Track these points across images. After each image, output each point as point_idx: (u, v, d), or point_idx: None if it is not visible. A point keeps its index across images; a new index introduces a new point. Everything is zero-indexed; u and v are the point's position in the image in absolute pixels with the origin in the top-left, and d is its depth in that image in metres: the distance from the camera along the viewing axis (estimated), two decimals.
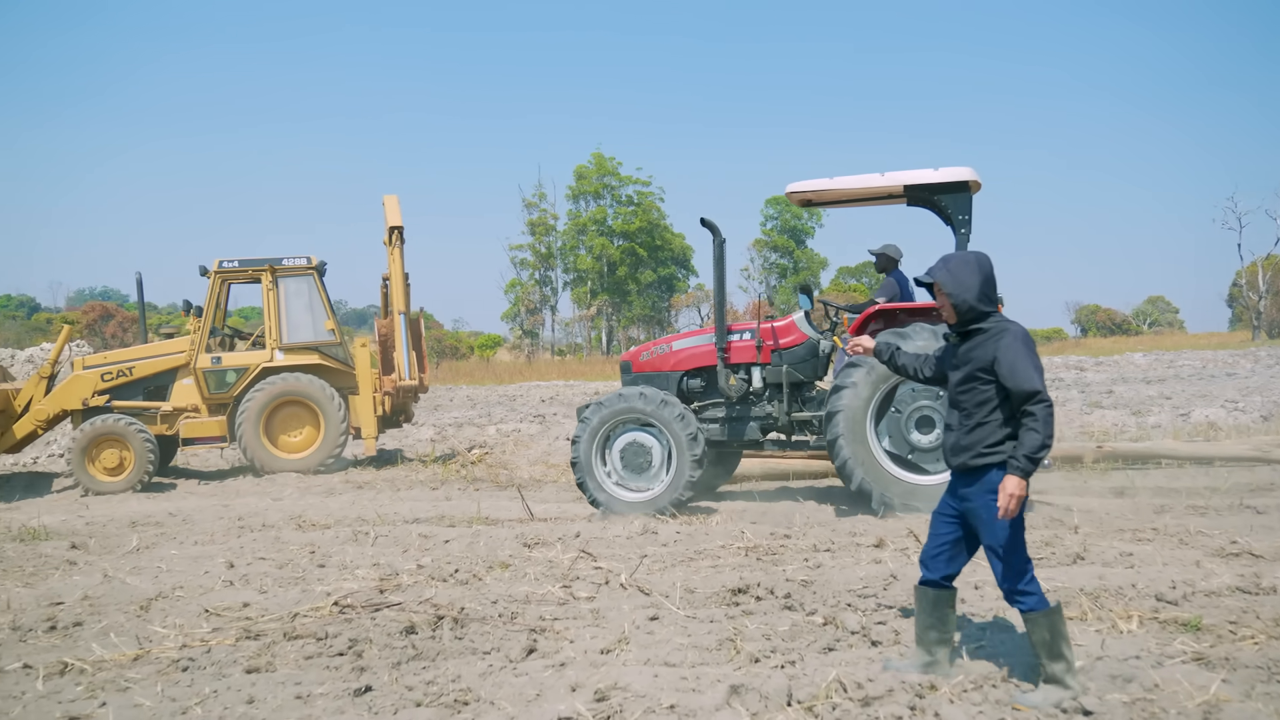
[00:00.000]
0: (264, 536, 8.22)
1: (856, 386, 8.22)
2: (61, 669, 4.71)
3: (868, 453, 8.22)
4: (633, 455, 8.69)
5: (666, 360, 9.35)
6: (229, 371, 13.24)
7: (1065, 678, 3.90)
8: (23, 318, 61.76)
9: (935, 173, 8.41)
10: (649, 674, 4.30)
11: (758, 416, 9.08)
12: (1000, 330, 4.03)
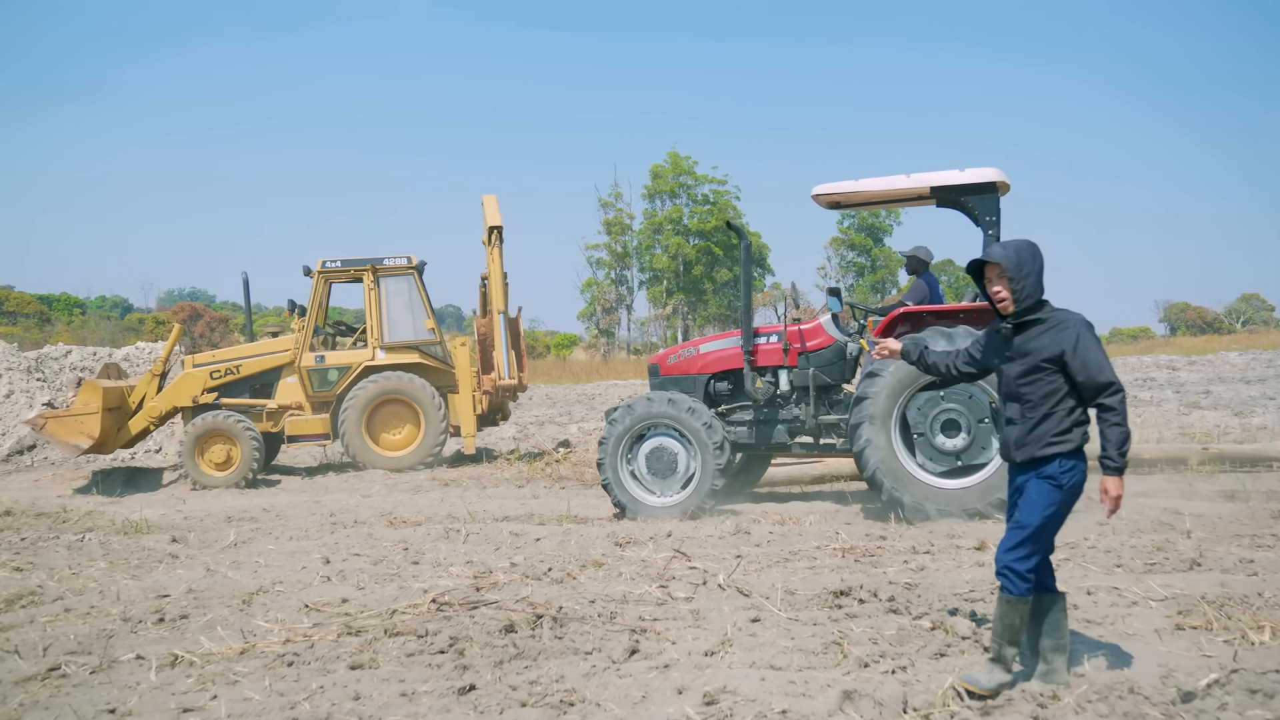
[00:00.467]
0: (357, 533, 8.30)
1: (880, 393, 8.11)
2: (172, 660, 4.77)
3: (894, 459, 8.10)
4: (658, 460, 8.67)
5: (694, 363, 9.29)
6: (332, 370, 13.48)
7: (1010, 662, 3.97)
8: (116, 318, 63.72)
9: (961, 174, 8.30)
10: (756, 677, 4.21)
11: (785, 419, 8.99)
12: (1064, 321, 3.93)
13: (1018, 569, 3.95)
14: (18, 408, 17.98)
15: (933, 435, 8.08)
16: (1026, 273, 3.97)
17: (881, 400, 8.11)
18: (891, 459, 8.09)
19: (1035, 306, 4.00)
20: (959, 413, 8.03)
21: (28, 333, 45.13)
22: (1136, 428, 13.25)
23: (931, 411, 8.08)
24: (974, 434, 7.97)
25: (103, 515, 10.02)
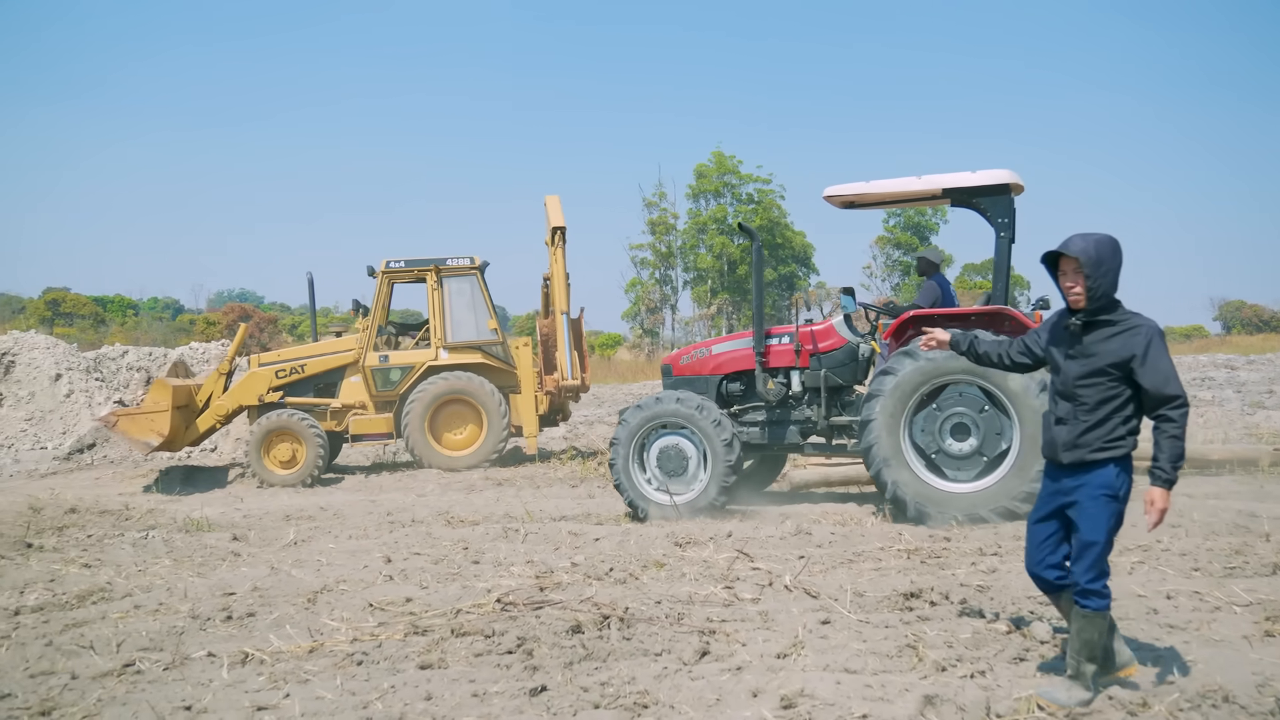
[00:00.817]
0: (415, 532, 8.32)
1: (888, 396, 8.03)
2: (243, 658, 4.79)
3: (902, 463, 8.03)
4: (669, 459, 8.70)
5: (706, 364, 9.30)
6: (395, 369, 13.59)
7: (1090, 678, 3.87)
8: (168, 319, 64.76)
9: (973, 175, 8.25)
10: (831, 680, 4.14)
11: (797, 420, 8.98)
12: (1135, 326, 3.81)
13: (1095, 588, 3.86)
14: (77, 407, 18.31)
15: (941, 435, 8.01)
16: (1105, 270, 3.83)
17: (892, 399, 8.04)
18: (898, 457, 8.03)
19: (1108, 306, 3.88)
20: (962, 414, 7.97)
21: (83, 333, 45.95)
22: (1199, 428, 12.99)
23: (935, 425, 8.03)
24: (983, 428, 7.89)
25: (164, 513, 10.13)
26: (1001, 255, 8.43)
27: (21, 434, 17.65)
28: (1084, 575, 3.88)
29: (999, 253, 8.42)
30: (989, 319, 8.16)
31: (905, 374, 8.00)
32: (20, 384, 18.59)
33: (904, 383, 8.01)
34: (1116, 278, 3.87)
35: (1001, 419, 7.88)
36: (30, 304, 61.65)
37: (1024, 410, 7.67)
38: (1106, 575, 3.89)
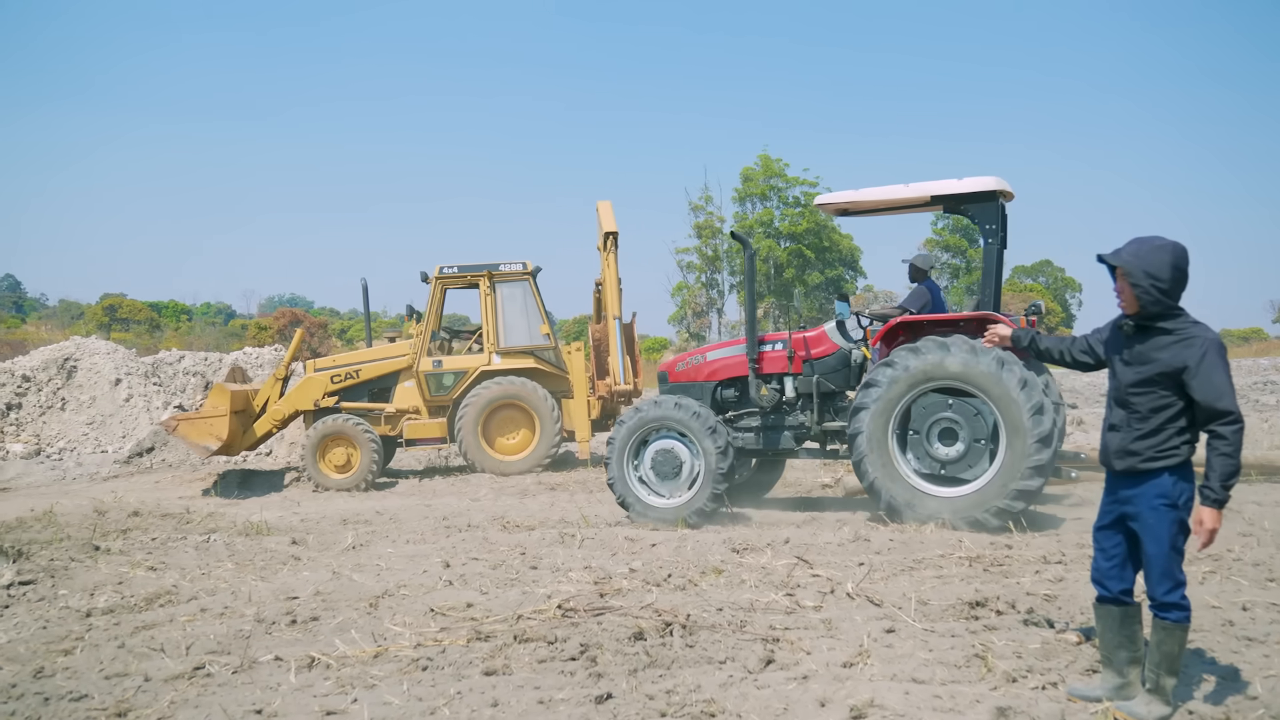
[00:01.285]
0: (472, 537, 8.36)
1: (876, 403, 8.14)
2: (309, 662, 4.83)
3: (892, 468, 8.13)
4: (663, 462, 8.79)
5: (701, 370, 9.40)
6: (448, 375, 13.69)
7: (1170, 693, 3.80)
8: (220, 323, 65.78)
9: (960, 182, 8.37)
10: (899, 690, 4.09)
11: (791, 426, 9.07)
12: (1193, 336, 3.71)
13: (1171, 599, 3.80)
14: (136, 411, 18.67)
15: (929, 441, 8.12)
16: (1152, 279, 3.74)
17: (878, 409, 8.14)
18: (889, 467, 8.14)
19: (1165, 314, 3.79)
20: (958, 424, 8.03)
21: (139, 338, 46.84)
22: (1264, 433, 12.70)
23: (932, 416, 8.10)
24: (968, 449, 7.99)
25: (224, 516, 10.28)
26: (990, 260, 8.51)
27: (83, 438, 18.03)
28: (1157, 588, 3.81)
29: (988, 258, 8.52)
30: (976, 324, 8.21)
31: (889, 384, 8.12)
32: (82, 389, 18.99)
33: (889, 392, 8.12)
34: (1174, 287, 3.76)
35: (987, 424, 7.95)
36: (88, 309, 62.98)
37: (1008, 413, 7.75)
38: (1182, 585, 3.81)
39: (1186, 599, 3.82)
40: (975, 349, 7.89)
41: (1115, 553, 4.01)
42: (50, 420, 18.36)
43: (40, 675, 4.75)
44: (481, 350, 13.91)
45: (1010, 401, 7.71)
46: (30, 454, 17.13)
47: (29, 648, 5.27)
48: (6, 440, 17.46)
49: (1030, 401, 7.67)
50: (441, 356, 13.88)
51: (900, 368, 8.08)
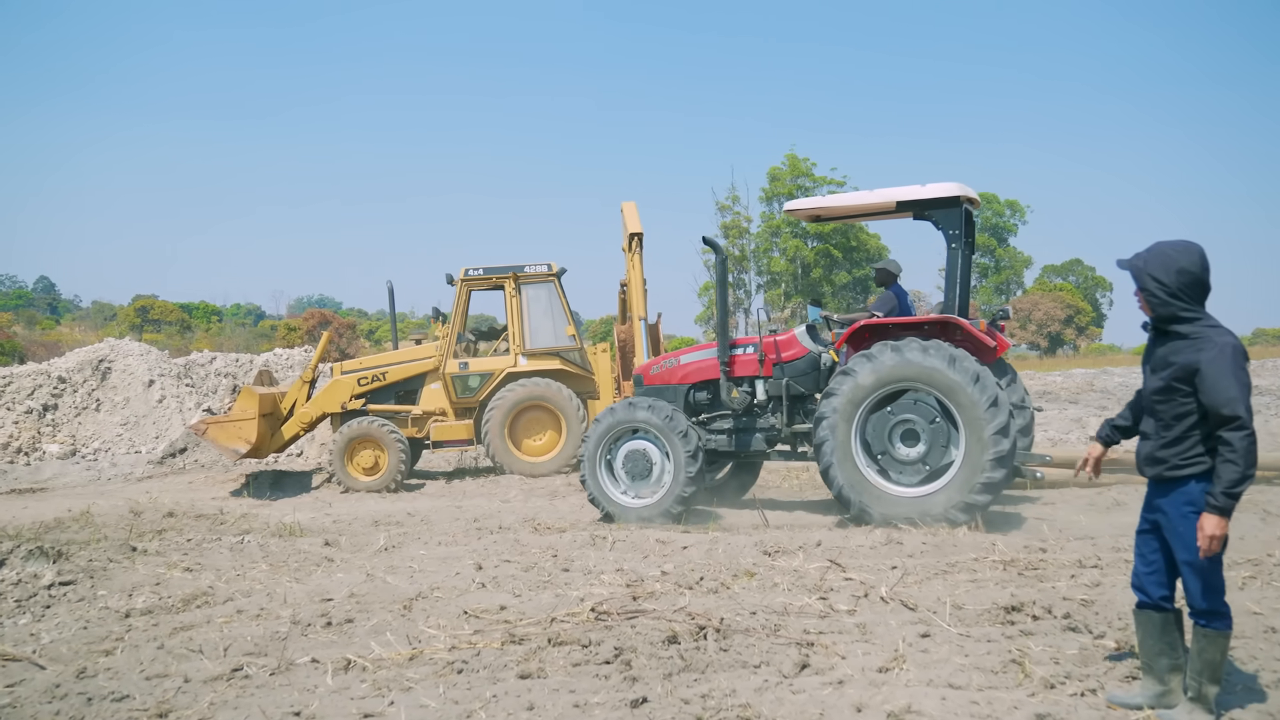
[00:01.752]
0: (503, 539, 8.38)
1: (839, 406, 8.30)
2: (346, 665, 4.87)
3: (850, 462, 8.30)
4: (634, 462, 9.04)
5: (674, 374, 9.58)
6: (474, 376, 13.73)
7: (1213, 701, 3.77)
8: (250, 324, 66.32)
9: (923, 188, 8.57)
10: (936, 696, 4.08)
11: (762, 428, 9.22)
12: (1206, 339, 3.67)
13: (1211, 606, 3.77)
14: (169, 412, 18.86)
15: (894, 449, 8.26)
16: (1158, 282, 3.76)
17: (840, 415, 8.30)
18: (855, 474, 8.28)
19: (1179, 318, 3.77)
20: (912, 421, 8.20)
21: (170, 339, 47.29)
22: None
23: (885, 429, 8.26)
24: (930, 449, 8.15)
25: (256, 518, 10.37)
26: (953, 265, 8.72)
27: (117, 438, 18.23)
28: (1195, 596, 3.79)
29: (950, 263, 8.69)
30: (939, 328, 8.44)
31: (862, 376, 8.23)
32: (116, 390, 19.21)
33: (860, 385, 8.25)
34: (1182, 289, 3.74)
35: (950, 429, 8.10)
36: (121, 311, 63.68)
37: (964, 408, 7.93)
38: (1220, 592, 3.78)
39: (1226, 606, 3.78)
40: (927, 349, 8.08)
41: (1154, 558, 3.98)
42: (85, 421, 18.58)
43: (83, 675, 4.81)
44: (507, 352, 13.95)
45: (965, 397, 7.90)
46: (66, 454, 17.34)
47: (71, 648, 5.35)
48: (43, 441, 17.68)
49: (985, 395, 7.85)
50: (467, 358, 13.92)
51: (858, 373, 8.26)
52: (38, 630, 5.74)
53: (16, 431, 17.52)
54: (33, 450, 17.29)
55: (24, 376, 18.78)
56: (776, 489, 11.35)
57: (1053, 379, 29.25)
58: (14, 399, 18.23)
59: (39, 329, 51.91)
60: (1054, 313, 57.70)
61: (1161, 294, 3.75)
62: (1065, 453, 10.56)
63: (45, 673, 4.91)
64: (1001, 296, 64.88)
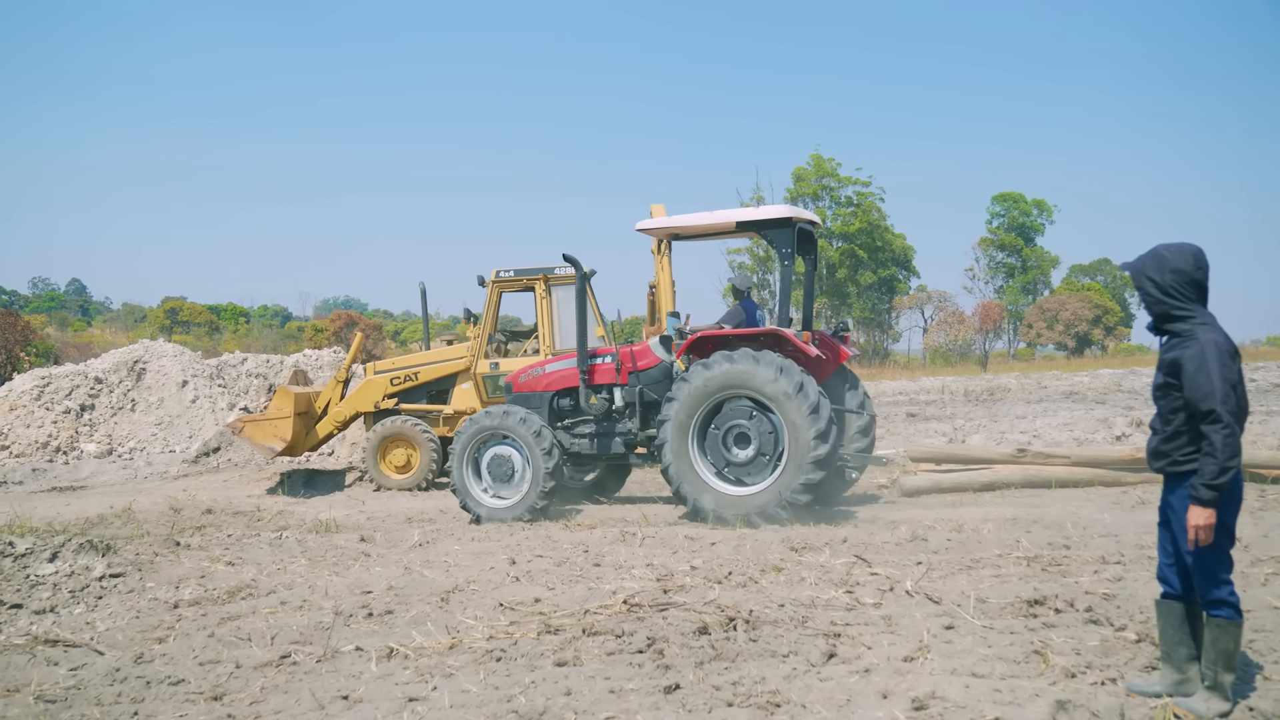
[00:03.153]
0: (535, 535, 8.57)
1: (677, 412, 8.90)
2: (388, 653, 5.06)
3: (691, 469, 8.88)
4: (498, 466, 9.62)
5: (540, 382, 10.20)
6: (504, 376, 13.89)
7: (1229, 689, 3.88)
8: (277, 326, 66.97)
9: (756, 210, 9.35)
10: (960, 684, 4.21)
11: (620, 432, 9.82)
12: (1193, 337, 3.84)
13: (1218, 596, 3.90)
14: (202, 412, 19.18)
15: (726, 446, 8.90)
16: (1152, 281, 3.95)
17: (678, 420, 8.89)
18: (690, 473, 8.89)
19: (1173, 317, 3.93)
20: (744, 425, 8.84)
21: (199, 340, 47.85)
22: None
23: (728, 423, 8.89)
24: (758, 451, 8.80)
25: (293, 514, 10.61)
26: (785, 280, 9.53)
27: (152, 438, 18.56)
28: (1200, 587, 3.93)
29: (783, 278, 9.48)
30: (774, 341, 9.04)
31: (698, 383, 8.86)
32: (150, 390, 19.55)
33: (695, 391, 8.88)
34: (1174, 288, 3.91)
35: (774, 424, 8.74)
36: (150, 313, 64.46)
37: (788, 414, 8.55)
38: (1226, 582, 3.90)
39: (1234, 596, 3.90)
40: (758, 359, 8.69)
41: (1172, 549, 4.11)
42: (121, 421, 18.92)
43: (140, 661, 5.04)
44: (537, 352, 14.12)
45: (790, 404, 8.53)
46: (103, 454, 17.68)
47: (125, 635, 5.58)
48: (80, 440, 18.04)
49: (807, 403, 8.49)
50: (498, 359, 14.11)
51: (694, 381, 8.86)
52: (92, 619, 5.97)
53: (55, 431, 17.88)
54: (71, 449, 17.64)
55: (62, 377, 19.14)
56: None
57: (1080, 379, 29.21)
58: (52, 399, 18.59)
59: (71, 330, 52.68)
60: (1082, 312, 57.37)
61: (1155, 293, 3.93)
62: (1090, 452, 10.65)
63: (104, 658, 5.14)
64: (1029, 297, 64.60)
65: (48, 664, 5.12)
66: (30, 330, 27.93)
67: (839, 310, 61.08)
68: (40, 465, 16.57)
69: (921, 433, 16.34)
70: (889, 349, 63.94)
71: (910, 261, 63.94)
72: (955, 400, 24.87)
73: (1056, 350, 59.10)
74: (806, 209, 48.85)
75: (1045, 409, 19.25)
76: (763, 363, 8.63)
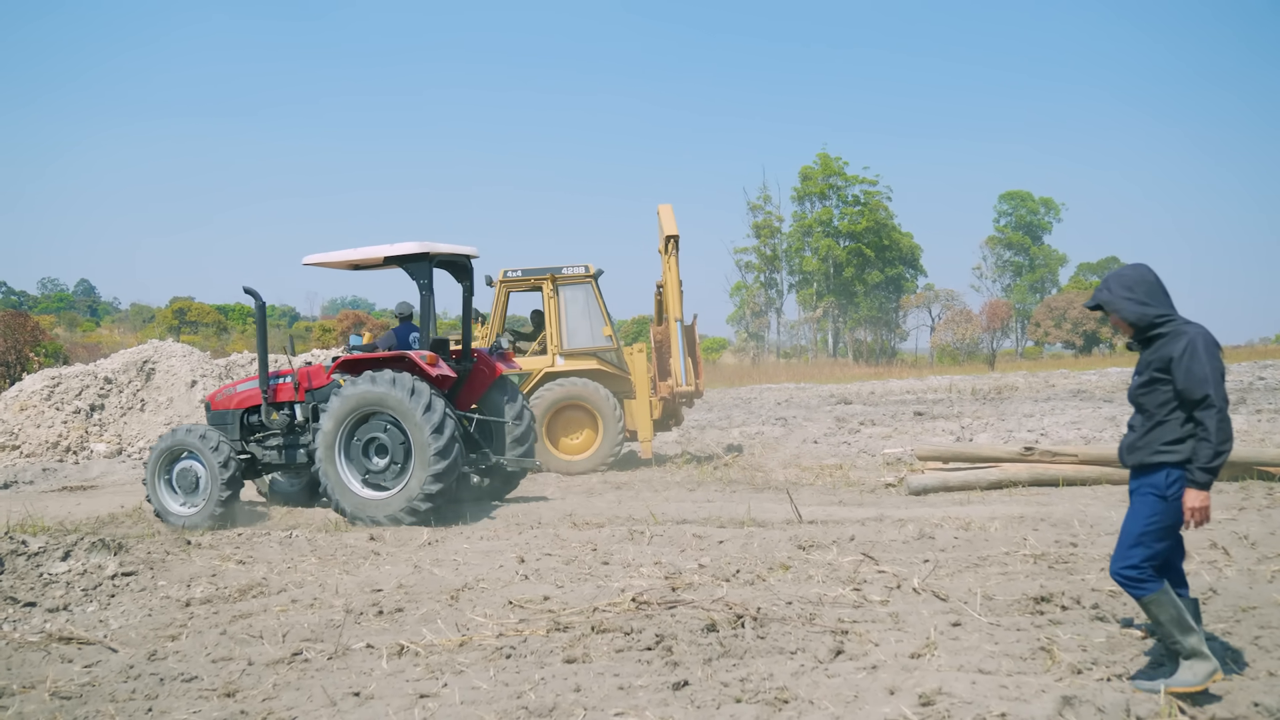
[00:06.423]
0: (544, 533, 8.61)
1: (325, 424, 9.77)
2: (399, 650, 5.11)
3: (337, 475, 9.74)
4: (184, 478, 10.27)
5: (231, 400, 10.91)
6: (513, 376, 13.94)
7: (1202, 648, 4.01)
8: (285, 326, 67.10)
9: (392, 247, 10.25)
10: (966, 680, 4.25)
11: (302, 444, 10.58)
12: (1181, 331, 4.05)
13: (1128, 574, 4.12)
14: None
15: (366, 456, 9.81)
16: (1130, 300, 4.16)
17: (326, 431, 9.74)
18: (337, 478, 9.75)
19: (1155, 323, 4.14)
20: (378, 437, 9.75)
21: (207, 340, 47.96)
22: None
23: (368, 435, 9.79)
24: (391, 461, 9.72)
25: (302, 514, 10.65)
26: (425, 308, 10.60)
27: None
28: (1116, 563, 4.17)
29: (424, 306, 10.58)
30: (410, 364, 9.95)
31: (344, 400, 9.71)
32: (159, 390, 19.63)
33: (340, 407, 9.72)
34: (1150, 295, 4.15)
35: (404, 435, 9.62)
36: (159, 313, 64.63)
37: (414, 430, 9.48)
38: (1141, 566, 4.08)
39: (1144, 575, 4.07)
40: (394, 380, 9.58)
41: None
42: (131, 421, 19.00)
43: (153, 658, 5.09)
44: (545, 352, 14.17)
45: (416, 422, 9.45)
46: (113, 453, 17.76)
47: (139, 633, 5.64)
48: (90, 440, 18.13)
49: (431, 422, 9.42)
50: None
51: (340, 398, 9.73)
52: (105, 617, 6.04)
53: (65, 431, 17.97)
54: (81, 449, 17.73)
55: (71, 377, 19.24)
56: (810, 486, 11.51)
57: (1088, 378, 29.21)
58: (62, 399, 18.68)
59: (80, 331, 52.84)
60: (1089, 311, 57.34)
61: (1136, 307, 4.14)
62: (1097, 451, 10.66)
63: (118, 655, 5.19)
64: (1036, 295, 64.55)
65: (62, 661, 5.17)
66: (40, 331, 28.00)
67: (846, 310, 61.13)
68: (51, 465, 16.67)
69: (929, 431, 16.36)
70: (896, 348, 63.94)
71: (917, 260, 63.97)
72: (963, 399, 24.88)
73: (1064, 349, 59.06)
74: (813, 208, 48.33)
75: (1053, 407, 19.27)
76: (397, 384, 9.55)
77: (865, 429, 17.11)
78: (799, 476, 12.32)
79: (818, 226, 61.23)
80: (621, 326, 49.20)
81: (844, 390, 30.01)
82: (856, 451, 14.42)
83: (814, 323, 62.82)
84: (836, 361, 57.08)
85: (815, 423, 18.81)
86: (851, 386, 32.28)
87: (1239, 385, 23.07)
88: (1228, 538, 6.95)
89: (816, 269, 60.89)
